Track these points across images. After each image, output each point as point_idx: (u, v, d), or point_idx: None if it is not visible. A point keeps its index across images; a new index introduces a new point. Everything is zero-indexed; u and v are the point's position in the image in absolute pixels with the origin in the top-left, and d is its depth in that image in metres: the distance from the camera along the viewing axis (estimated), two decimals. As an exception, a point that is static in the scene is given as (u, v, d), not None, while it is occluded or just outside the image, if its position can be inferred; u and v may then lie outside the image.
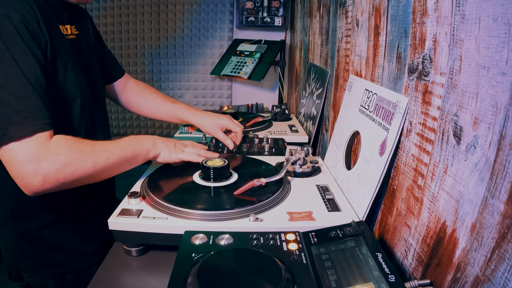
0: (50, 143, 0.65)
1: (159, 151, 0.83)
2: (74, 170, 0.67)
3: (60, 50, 0.74)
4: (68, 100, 0.78)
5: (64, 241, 0.87)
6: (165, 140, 0.86)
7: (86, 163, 0.68)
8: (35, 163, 0.63)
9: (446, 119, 0.50)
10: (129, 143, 0.78)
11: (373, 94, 0.76)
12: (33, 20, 0.67)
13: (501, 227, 0.39)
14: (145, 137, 0.84)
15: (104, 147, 0.73)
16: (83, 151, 0.69)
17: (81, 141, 0.71)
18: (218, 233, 0.59)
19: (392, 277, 0.46)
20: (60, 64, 0.74)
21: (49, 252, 0.86)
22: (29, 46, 0.65)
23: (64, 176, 0.66)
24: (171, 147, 0.85)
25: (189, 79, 2.27)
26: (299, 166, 0.87)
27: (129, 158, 0.77)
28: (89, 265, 0.88)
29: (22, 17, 0.65)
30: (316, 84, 1.28)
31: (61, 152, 0.65)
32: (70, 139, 0.69)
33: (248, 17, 2.08)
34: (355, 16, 0.91)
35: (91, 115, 0.85)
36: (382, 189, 0.70)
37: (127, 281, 0.61)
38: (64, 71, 0.75)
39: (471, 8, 0.44)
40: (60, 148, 0.66)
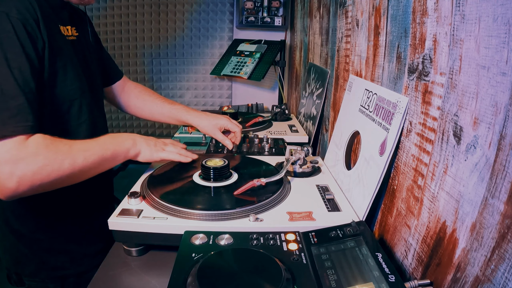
0: (27, 143, 0.63)
1: (139, 150, 0.80)
2: (51, 171, 0.64)
3: (60, 51, 0.73)
4: (67, 101, 0.77)
5: (63, 244, 0.86)
6: (145, 138, 0.84)
7: (64, 164, 0.65)
8: (10, 164, 0.60)
9: (446, 119, 0.50)
10: (109, 141, 0.76)
11: (373, 94, 0.76)
12: (32, 20, 0.66)
13: (501, 227, 0.39)
14: (125, 135, 0.81)
15: (83, 147, 0.70)
16: (61, 151, 0.66)
17: (59, 141, 0.68)
18: (218, 233, 0.59)
19: (392, 277, 0.46)
20: (59, 65, 0.73)
21: (48, 255, 0.85)
22: (23, 45, 0.64)
23: (40, 178, 0.63)
24: (151, 146, 0.83)
25: (189, 79, 2.27)
26: (299, 166, 0.87)
27: (108, 158, 0.74)
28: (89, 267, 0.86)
29: (21, 16, 0.64)
30: (316, 84, 1.29)
31: (38, 152, 0.63)
32: (48, 138, 0.66)
33: (248, 17, 2.08)
34: (355, 16, 0.91)
35: (90, 116, 0.84)
36: (382, 189, 0.70)
37: (127, 281, 0.61)
38: (63, 72, 0.74)
39: (471, 8, 0.44)
40: (37, 149, 0.63)
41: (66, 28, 0.79)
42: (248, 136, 1.16)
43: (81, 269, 0.87)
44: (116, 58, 2.21)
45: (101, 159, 0.72)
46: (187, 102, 2.30)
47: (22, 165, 0.61)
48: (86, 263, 0.88)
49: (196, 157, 0.89)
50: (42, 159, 0.63)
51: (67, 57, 0.76)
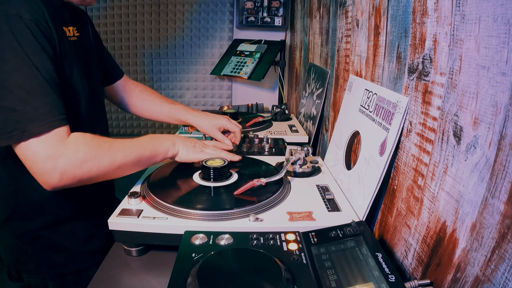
0: (67, 140, 0.66)
1: (177, 151, 0.83)
2: (92, 167, 0.67)
3: (65, 51, 0.74)
4: (73, 99, 0.78)
5: (64, 242, 0.86)
6: (184, 139, 0.86)
7: (104, 160, 0.69)
8: (53, 159, 0.64)
9: (446, 119, 0.50)
10: (148, 142, 0.79)
11: (373, 94, 0.76)
12: (42, 19, 0.68)
13: (501, 227, 0.39)
14: (164, 136, 0.84)
15: (122, 146, 0.74)
16: (101, 148, 0.69)
17: (99, 138, 0.71)
18: (218, 233, 0.59)
19: (392, 277, 0.46)
20: (66, 65, 0.74)
21: (49, 253, 0.85)
22: (41, 44, 0.66)
23: (82, 172, 0.67)
24: (190, 147, 0.85)
25: (189, 79, 2.27)
26: (299, 166, 0.87)
27: (147, 157, 0.77)
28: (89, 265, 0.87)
29: (33, 16, 0.66)
30: (316, 84, 1.28)
31: (78, 149, 0.66)
32: (88, 136, 0.70)
33: (248, 17, 2.08)
34: (355, 16, 0.91)
35: (91, 116, 0.85)
36: (382, 189, 0.70)
37: (127, 281, 0.61)
38: (70, 72, 0.76)
39: (471, 8, 0.44)
40: (77, 145, 0.66)
41: (68, 29, 0.80)
42: (248, 136, 1.16)
43: (81, 266, 0.88)
44: (116, 58, 2.21)
45: (140, 158, 0.75)
46: (187, 102, 2.30)
47: (63, 160, 0.64)
48: (86, 261, 0.89)
49: (237, 159, 0.88)
50: (82, 155, 0.66)
51: (71, 58, 0.77)
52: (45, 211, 0.83)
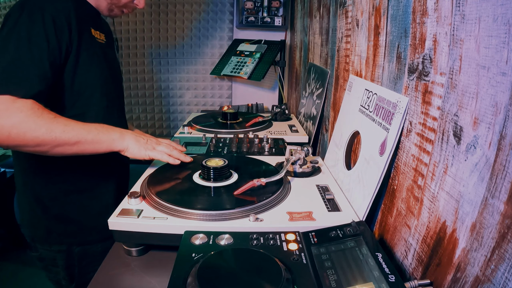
0: (17, 102, 0.70)
1: (126, 145, 0.82)
2: (27, 130, 0.70)
3: (87, 46, 0.85)
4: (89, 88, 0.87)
5: (75, 214, 0.92)
6: (137, 135, 0.85)
7: (41, 128, 0.71)
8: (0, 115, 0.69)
9: (446, 119, 0.50)
10: (95, 127, 0.79)
11: (373, 94, 0.76)
12: (64, 17, 0.78)
13: (501, 227, 0.39)
14: (116, 128, 0.83)
15: (66, 122, 0.75)
16: (43, 117, 0.72)
17: (48, 111, 0.74)
18: (218, 233, 0.59)
19: (392, 277, 0.46)
20: (85, 58, 0.84)
21: (59, 222, 0.91)
22: (47, 32, 0.75)
23: (17, 133, 0.69)
24: (141, 143, 0.83)
25: (189, 79, 2.27)
26: (299, 166, 0.87)
27: (89, 141, 0.77)
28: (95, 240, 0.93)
29: (53, 11, 0.77)
30: (316, 84, 1.28)
31: (22, 110, 0.70)
32: (37, 105, 0.73)
33: (248, 17, 2.08)
34: (355, 16, 0.91)
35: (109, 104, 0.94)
36: (382, 189, 0.70)
37: (127, 281, 0.61)
38: (89, 63, 0.86)
39: (471, 8, 0.44)
40: (22, 107, 0.70)
41: (97, 32, 0.92)
42: (248, 136, 1.16)
43: (87, 240, 0.93)
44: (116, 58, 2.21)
45: (80, 139, 0.76)
46: (187, 102, 2.30)
47: (4, 116, 0.69)
48: (93, 235, 0.93)
49: (189, 160, 0.88)
50: (23, 116, 0.70)
51: (94, 54, 0.87)
52: (61, 180, 0.90)
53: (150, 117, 2.33)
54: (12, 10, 0.76)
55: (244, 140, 1.11)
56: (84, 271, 0.94)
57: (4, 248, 2.33)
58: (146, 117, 2.33)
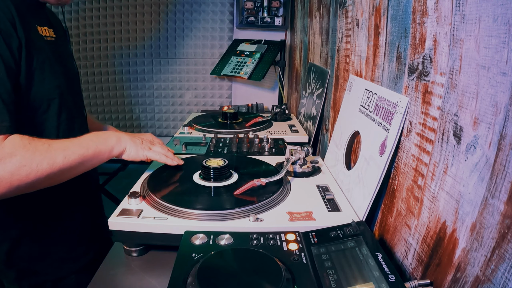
0: (4, 144, 0.62)
1: (124, 148, 0.78)
2: (29, 172, 0.62)
3: (36, 50, 0.73)
4: (45, 100, 0.76)
5: (44, 249, 0.84)
6: (131, 136, 0.82)
7: (42, 164, 0.64)
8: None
9: (446, 119, 0.50)
10: (90, 139, 0.73)
11: (373, 94, 0.76)
12: (6, 19, 0.66)
13: (501, 227, 0.39)
14: (109, 133, 0.79)
15: (63, 145, 0.68)
16: (39, 150, 0.64)
17: (37, 140, 0.66)
18: (218, 233, 0.59)
19: (392, 277, 0.46)
20: (36, 64, 0.72)
21: (29, 261, 0.83)
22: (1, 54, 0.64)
23: (19, 179, 0.61)
24: (138, 144, 0.80)
25: (189, 79, 2.27)
26: (299, 166, 0.87)
27: (90, 156, 0.71)
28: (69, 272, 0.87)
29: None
30: (316, 84, 1.28)
31: (15, 153, 0.62)
32: (26, 138, 0.65)
33: (248, 17, 2.08)
34: (355, 16, 0.91)
35: (69, 116, 0.83)
36: (382, 189, 0.70)
37: (127, 281, 0.61)
38: (41, 71, 0.74)
39: (471, 8, 0.44)
40: (14, 149, 0.62)
41: (43, 29, 0.79)
42: (248, 136, 1.16)
43: (61, 274, 0.86)
44: (116, 58, 2.22)
45: (83, 158, 0.70)
46: (187, 102, 2.30)
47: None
48: (66, 267, 0.87)
49: (181, 163, 0.87)
50: (19, 159, 0.61)
51: (45, 57, 0.75)
52: (24, 218, 0.80)
53: (150, 117, 2.33)
54: None
55: (244, 140, 1.11)
56: None
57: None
58: (146, 117, 2.33)
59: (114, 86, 2.27)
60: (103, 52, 2.20)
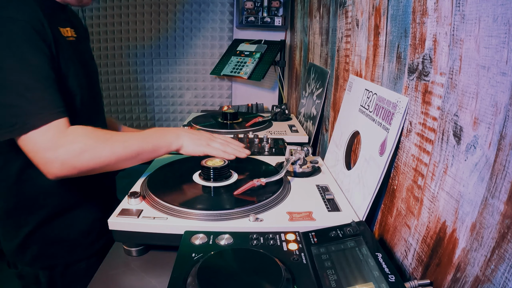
0: (67, 132, 0.69)
1: (181, 144, 0.82)
2: (90, 157, 0.70)
3: (61, 50, 0.77)
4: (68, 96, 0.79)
5: (61, 235, 0.88)
6: (190, 132, 0.85)
7: (104, 151, 0.71)
8: (52, 150, 0.67)
9: (446, 119, 0.50)
10: (150, 135, 0.80)
11: (373, 94, 0.76)
12: (37, 20, 0.70)
13: (501, 227, 0.39)
14: (169, 129, 0.84)
15: (123, 138, 0.76)
16: (100, 139, 0.72)
17: (99, 130, 0.74)
18: (218, 233, 0.59)
19: (392, 277, 0.46)
20: (62, 63, 0.77)
21: (44, 245, 0.87)
22: (36, 43, 0.69)
23: (81, 163, 0.69)
24: (195, 140, 0.83)
25: (189, 79, 2.27)
26: (299, 166, 0.87)
27: (149, 150, 0.78)
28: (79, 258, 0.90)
29: (27, 18, 0.69)
30: (316, 84, 1.29)
31: (77, 140, 0.69)
32: (88, 128, 0.72)
33: (248, 17, 2.08)
34: (355, 16, 0.91)
35: (88, 113, 0.88)
36: (382, 189, 0.70)
37: (127, 281, 0.61)
38: (66, 69, 0.78)
39: (471, 8, 0.44)
40: (76, 137, 0.70)
41: (65, 30, 0.83)
42: (248, 136, 1.16)
43: (72, 259, 0.90)
44: (116, 58, 2.22)
45: (140, 151, 0.76)
46: (187, 102, 2.30)
47: (62, 151, 0.68)
48: (77, 253, 0.90)
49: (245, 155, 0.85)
50: (81, 145, 0.69)
51: (67, 56, 0.79)
52: (46, 204, 0.85)
53: (150, 117, 2.33)
54: None
55: (244, 140, 1.11)
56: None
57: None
58: (146, 117, 2.33)
59: (114, 86, 2.27)
60: (103, 52, 2.20)
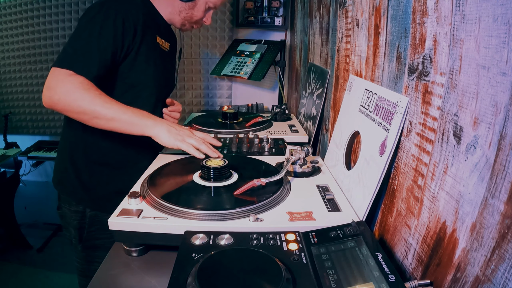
0: (72, 78, 0.85)
1: (157, 133, 0.87)
2: (73, 99, 0.84)
3: (148, 48, 1.00)
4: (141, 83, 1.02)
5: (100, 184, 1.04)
6: (171, 125, 0.89)
7: (84, 99, 0.84)
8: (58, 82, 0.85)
9: (446, 119, 0.50)
10: (132, 110, 0.88)
11: (373, 94, 0.76)
12: (131, 20, 0.94)
13: (501, 227, 0.39)
14: (151, 115, 0.91)
15: (107, 99, 0.86)
16: (89, 91, 0.85)
17: (95, 88, 0.87)
18: (218, 233, 0.59)
19: (392, 277, 0.46)
20: (143, 58, 0.99)
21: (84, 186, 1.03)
22: (115, 31, 0.91)
23: (65, 99, 0.84)
24: (172, 133, 0.87)
25: (189, 79, 2.27)
26: (299, 166, 0.87)
27: (123, 120, 0.86)
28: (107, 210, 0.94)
29: (125, 14, 0.93)
30: (316, 84, 1.28)
31: (73, 82, 0.84)
32: (88, 82, 0.86)
33: (248, 17, 2.08)
34: (355, 16, 0.91)
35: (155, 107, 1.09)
36: (382, 189, 0.70)
37: (127, 281, 0.61)
38: (146, 63, 1.00)
39: (471, 8, 0.44)
40: (74, 81, 0.85)
41: (162, 40, 1.07)
42: (248, 136, 1.16)
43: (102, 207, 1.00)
44: (116, 58, 2.21)
45: (116, 116, 0.86)
46: (187, 102, 2.30)
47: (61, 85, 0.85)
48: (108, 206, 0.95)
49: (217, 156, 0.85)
50: (72, 87, 0.84)
51: (152, 58, 1.02)
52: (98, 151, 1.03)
53: (150, 117, 2.33)
54: (93, 5, 0.93)
55: (244, 140, 1.11)
56: (91, 236, 1.05)
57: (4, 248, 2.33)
58: (146, 117, 2.33)
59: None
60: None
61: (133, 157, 1.08)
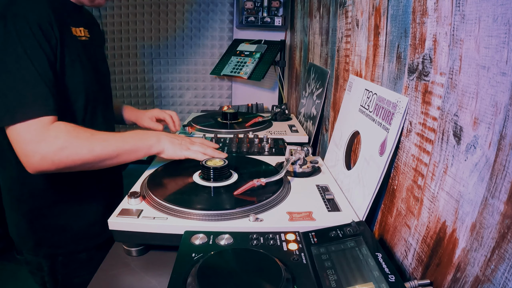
0: (50, 127, 0.72)
1: (162, 148, 0.84)
2: (69, 154, 0.72)
3: (69, 49, 0.81)
4: (73, 94, 0.84)
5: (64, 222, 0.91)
6: (171, 136, 0.87)
7: (82, 149, 0.74)
8: (34, 144, 0.70)
9: (446, 119, 0.50)
10: (131, 136, 0.81)
11: (373, 94, 0.76)
12: (45, 21, 0.75)
13: (501, 227, 0.39)
14: (150, 132, 0.86)
15: (103, 137, 0.77)
16: (81, 137, 0.74)
17: (81, 129, 0.76)
18: (218, 233, 0.59)
19: (392, 277, 0.46)
20: (68, 62, 0.80)
21: (48, 233, 0.90)
22: (40, 42, 0.73)
23: (59, 158, 0.72)
24: (176, 144, 0.85)
25: (189, 79, 2.27)
26: (299, 166, 0.87)
27: (128, 150, 0.79)
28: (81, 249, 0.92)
29: (37, 17, 0.73)
30: (316, 84, 1.29)
31: (58, 136, 0.72)
32: (70, 126, 0.75)
33: (248, 17, 2.08)
34: (355, 16, 0.91)
35: (95, 110, 0.91)
36: (382, 189, 0.70)
37: (127, 281, 0.61)
38: (71, 68, 0.82)
39: (471, 8, 0.44)
40: (58, 133, 0.72)
41: (78, 30, 0.88)
42: (248, 136, 1.16)
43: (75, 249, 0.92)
44: (116, 58, 2.22)
45: (120, 151, 0.78)
46: (187, 102, 2.30)
47: (43, 146, 0.70)
48: (80, 244, 0.92)
49: (223, 156, 0.86)
50: (61, 142, 0.72)
51: (76, 55, 0.83)
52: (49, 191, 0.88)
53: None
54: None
55: (244, 140, 1.11)
56: (67, 277, 0.94)
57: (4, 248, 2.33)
58: (146, 117, 2.33)
59: (114, 86, 2.27)
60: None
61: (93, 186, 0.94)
